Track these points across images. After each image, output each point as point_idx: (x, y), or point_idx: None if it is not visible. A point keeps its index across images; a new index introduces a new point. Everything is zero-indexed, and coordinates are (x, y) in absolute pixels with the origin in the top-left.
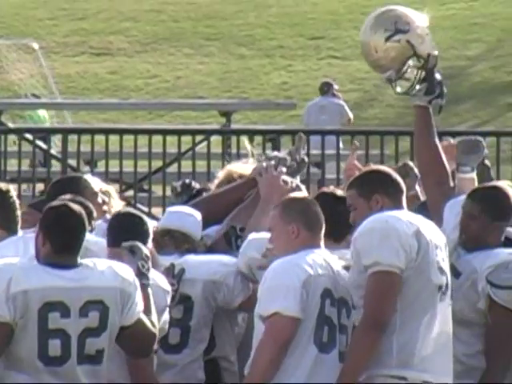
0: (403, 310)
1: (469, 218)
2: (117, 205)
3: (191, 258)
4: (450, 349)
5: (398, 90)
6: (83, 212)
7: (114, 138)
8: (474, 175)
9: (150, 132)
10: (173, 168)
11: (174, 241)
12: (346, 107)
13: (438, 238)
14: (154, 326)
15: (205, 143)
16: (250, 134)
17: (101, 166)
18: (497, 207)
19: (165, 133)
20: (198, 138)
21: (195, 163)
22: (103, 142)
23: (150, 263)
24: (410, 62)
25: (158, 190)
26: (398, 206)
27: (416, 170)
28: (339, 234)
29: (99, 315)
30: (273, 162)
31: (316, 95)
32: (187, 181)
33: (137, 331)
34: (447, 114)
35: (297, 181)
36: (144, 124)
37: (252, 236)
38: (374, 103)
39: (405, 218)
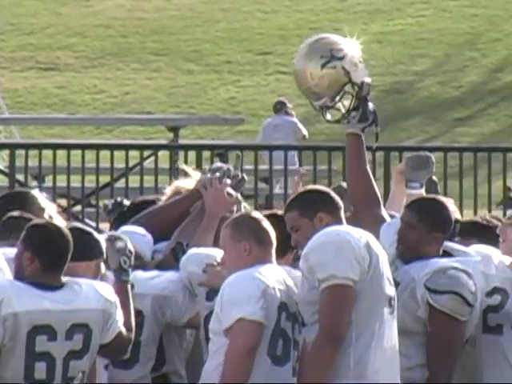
0: (358, 322)
1: (407, 228)
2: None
3: (140, 273)
4: (397, 361)
5: (328, 117)
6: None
7: (61, 153)
8: (422, 191)
9: (98, 147)
10: (120, 183)
11: None
12: (299, 124)
13: (382, 251)
14: (130, 330)
15: (152, 158)
16: (198, 149)
17: (48, 181)
18: (435, 217)
19: (112, 148)
20: (146, 153)
21: (143, 178)
22: (51, 156)
23: (132, 259)
24: (346, 89)
25: None
26: (340, 223)
27: None
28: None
29: (83, 338)
30: (218, 174)
31: (263, 111)
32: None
33: (114, 344)
34: (395, 129)
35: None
36: (91, 139)
37: (192, 250)
38: (321, 118)
39: (353, 231)
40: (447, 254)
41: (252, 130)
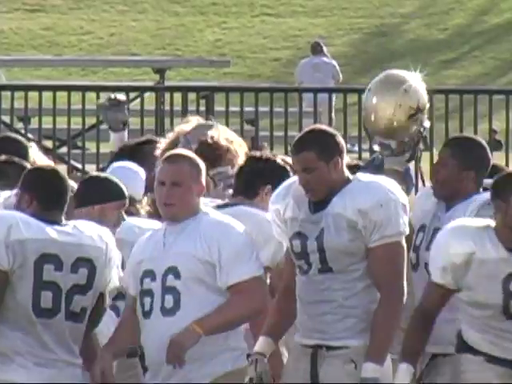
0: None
1: (439, 164)
2: None
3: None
4: None
5: (376, 148)
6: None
7: (47, 95)
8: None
9: (84, 89)
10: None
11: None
12: (337, 67)
13: None
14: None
15: (138, 100)
16: (184, 90)
17: (34, 123)
18: (467, 154)
19: (98, 89)
20: (132, 94)
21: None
22: (37, 98)
23: None
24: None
25: (91, 146)
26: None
27: None
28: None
29: (87, 273)
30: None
31: (249, 52)
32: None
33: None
34: (380, 72)
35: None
36: (77, 80)
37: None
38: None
39: (396, 185)
40: (485, 190)
41: (238, 72)
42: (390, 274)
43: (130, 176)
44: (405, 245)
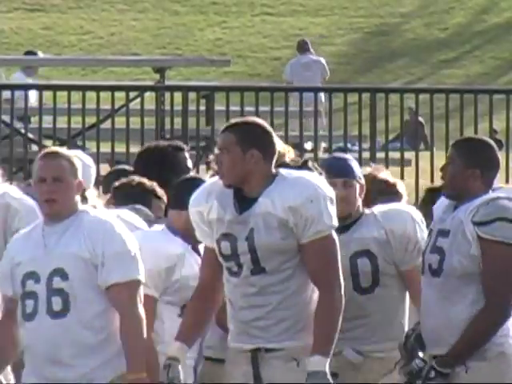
0: None
1: (447, 163)
2: None
3: None
4: None
5: None
6: None
7: (47, 94)
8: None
9: (84, 88)
10: (106, 124)
11: None
12: (326, 66)
13: None
14: None
15: (138, 99)
16: (184, 90)
17: (34, 122)
18: (472, 154)
19: (98, 89)
20: (132, 94)
21: (129, 119)
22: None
23: None
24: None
25: (91, 146)
26: (272, 165)
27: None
28: None
29: None
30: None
31: (249, 52)
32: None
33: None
34: (381, 71)
35: None
36: (77, 80)
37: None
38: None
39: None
40: None
41: (238, 72)
42: (325, 267)
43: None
44: (336, 237)
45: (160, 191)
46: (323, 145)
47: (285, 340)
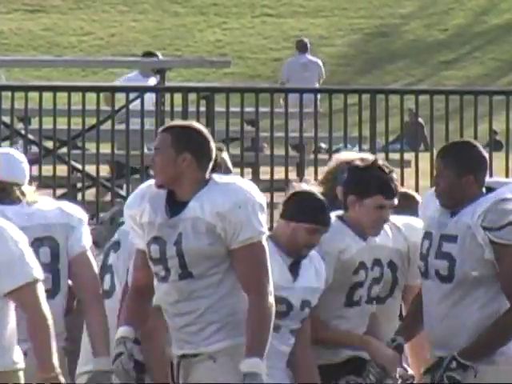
0: None
1: (437, 176)
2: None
3: None
4: None
5: None
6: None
7: (47, 95)
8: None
9: (84, 89)
10: (106, 125)
11: None
12: (322, 68)
13: None
14: None
15: (138, 101)
16: (185, 91)
17: (34, 123)
18: (460, 161)
19: (99, 90)
20: (132, 95)
21: (129, 120)
22: (37, 98)
23: None
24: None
25: (91, 147)
26: (206, 171)
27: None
28: None
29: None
30: None
31: (250, 53)
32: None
33: None
34: (381, 72)
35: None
36: (78, 81)
37: None
38: None
39: None
40: (490, 189)
41: (238, 73)
42: (254, 274)
43: (13, 161)
44: (266, 244)
45: None
46: (323, 145)
47: (212, 344)
